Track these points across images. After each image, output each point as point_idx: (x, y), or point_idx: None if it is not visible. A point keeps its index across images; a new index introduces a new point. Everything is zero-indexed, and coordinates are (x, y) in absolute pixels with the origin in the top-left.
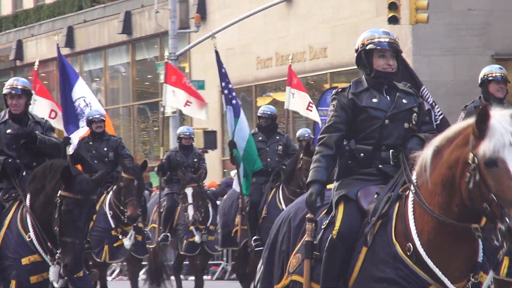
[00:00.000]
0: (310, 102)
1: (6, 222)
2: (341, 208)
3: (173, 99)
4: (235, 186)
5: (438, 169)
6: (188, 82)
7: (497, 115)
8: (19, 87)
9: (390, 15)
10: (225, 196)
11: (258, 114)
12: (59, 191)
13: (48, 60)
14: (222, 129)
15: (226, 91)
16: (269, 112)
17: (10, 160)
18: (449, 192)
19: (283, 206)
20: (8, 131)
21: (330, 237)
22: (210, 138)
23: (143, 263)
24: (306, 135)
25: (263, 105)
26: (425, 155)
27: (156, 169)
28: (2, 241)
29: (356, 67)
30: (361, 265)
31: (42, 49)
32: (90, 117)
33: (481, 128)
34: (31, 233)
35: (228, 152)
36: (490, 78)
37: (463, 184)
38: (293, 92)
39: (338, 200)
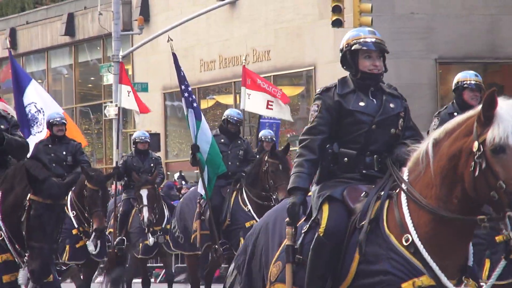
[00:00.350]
0: (269, 101)
1: None
2: (326, 208)
3: (128, 99)
4: (200, 190)
5: (437, 161)
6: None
7: (503, 104)
8: None
9: (334, 18)
10: (181, 201)
11: (227, 119)
12: (29, 194)
13: None
14: (165, 132)
15: (186, 94)
16: (235, 118)
17: None
18: (449, 184)
19: (249, 207)
20: None
21: (316, 236)
22: (153, 140)
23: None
24: (269, 136)
25: (230, 109)
26: (421, 148)
27: (112, 172)
28: None
29: (298, 70)
30: (357, 266)
31: None
32: (51, 120)
33: (488, 114)
34: (3, 233)
35: (171, 155)
36: (465, 85)
37: (466, 174)
38: (249, 93)
39: (322, 201)
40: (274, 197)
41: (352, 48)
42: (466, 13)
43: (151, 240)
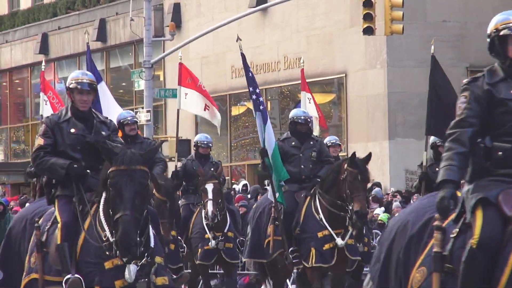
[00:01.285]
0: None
1: (85, 226)
2: (479, 214)
3: (186, 102)
4: (270, 196)
5: None
6: (202, 86)
7: None
8: (87, 81)
9: (365, 25)
10: (254, 205)
11: (294, 120)
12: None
13: (22, 67)
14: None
15: (254, 96)
16: (303, 117)
17: (75, 165)
18: None
19: (321, 215)
20: (72, 130)
21: (469, 247)
22: (183, 146)
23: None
24: (333, 141)
25: (296, 109)
26: None
27: (170, 176)
28: (81, 247)
29: (329, 77)
30: (508, 278)
31: (16, 55)
32: (122, 120)
33: None
34: (107, 233)
35: None
36: None
37: None
38: (309, 97)
39: (475, 204)
40: (350, 207)
41: (501, 33)
42: None
43: (213, 243)
